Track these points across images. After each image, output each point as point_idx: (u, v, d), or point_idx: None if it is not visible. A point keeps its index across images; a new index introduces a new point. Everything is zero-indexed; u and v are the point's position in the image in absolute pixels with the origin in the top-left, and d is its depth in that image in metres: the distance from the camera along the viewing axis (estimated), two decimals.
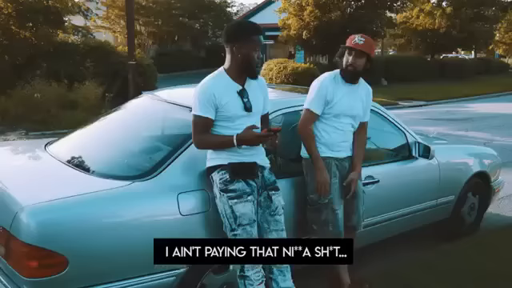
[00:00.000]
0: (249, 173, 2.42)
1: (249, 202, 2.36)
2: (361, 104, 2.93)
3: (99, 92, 10.31)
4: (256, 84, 2.50)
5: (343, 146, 2.93)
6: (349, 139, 2.96)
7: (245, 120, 2.39)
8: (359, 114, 2.94)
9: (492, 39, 32.67)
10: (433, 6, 26.79)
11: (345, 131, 2.92)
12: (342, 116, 2.88)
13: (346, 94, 2.87)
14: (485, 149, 4.67)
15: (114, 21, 21.91)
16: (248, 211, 2.35)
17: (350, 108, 2.88)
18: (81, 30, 13.14)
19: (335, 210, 2.83)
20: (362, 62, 2.80)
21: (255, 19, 35.07)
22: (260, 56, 2.42)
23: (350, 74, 2.85)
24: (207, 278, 2.51)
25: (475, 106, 15.21)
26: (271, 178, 2.52)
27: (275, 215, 2.47)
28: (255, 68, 2.43)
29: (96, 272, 2.18)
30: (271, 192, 2.49)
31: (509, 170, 5.90)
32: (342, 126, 2.90)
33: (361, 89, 2.96)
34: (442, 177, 3.74)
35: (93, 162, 2.74)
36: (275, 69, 17.06)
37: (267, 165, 2.54)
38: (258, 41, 2.39)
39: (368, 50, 2.80)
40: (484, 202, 4.28)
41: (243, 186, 2.38)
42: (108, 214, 2.24)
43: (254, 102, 2.45)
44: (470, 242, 3.92)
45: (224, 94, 2.37)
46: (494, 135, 9.15)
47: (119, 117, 3.42)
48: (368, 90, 3.01)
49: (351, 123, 2.94)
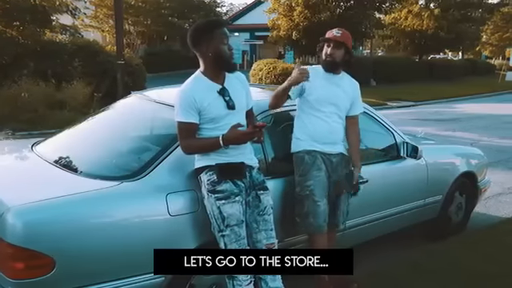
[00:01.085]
0: (236, 173, 2.40)
1: (236, 202, 2.36)
2: (343, 94, 2.95)
3: (87, 92, 10.22)
4: (236, 81, 2.49)
5: (330, 139, 2.93)
6: (336, 131, 2.95)
7: (230, 119, 2.37)
8: (343, 104, 2.95)
9: (479, 40, 33.14)
10: (421, 8, 27.02)
11: (329, 122, 2.92)
12: (322, 103, 2.90)
13: (325, 82, 2.91)
14: (472, 149, 4.72)
15: (103, 20, 21.75)
16: (236, 212, 2.34)
17: (329, 95, 2.90)
18: (69, 29, 13.01)
19: (317, 201, 2.81)
20: (341, 53, 2.90)
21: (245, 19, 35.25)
22: (231, 48, 2.39)
23: (329, 65, 2.92)
24: (196, 279, 2.50)
25: (462, 106, 15.38)
26: (259, 178, 2.51)
27: (264, 215, 2.46)
28: (229, 60, 2.40)
29: (84, 273, 2.16)
30: (260, 192, 2.48)
31: (495, 170, 5.99)
32: (324, 115, 2.91)
33: (344, 80, 3.01)
34: (430, 177, 3.78)
35: (81, 162, 2.72)
36: (265, 69, 17.08)
37: (255, 164, 2.53)
38: (222, 33, 2.36)
39: (345, 40, 2.91)
40: (471, 201, 4.32)
41: (231, 187, 2.37)
42: (96, 215, 2.22)
43: (237, 98, 2.43)
44: (457, 241, 3.95)
45: (204, 96, 2.35)
46: (480, 135, 9.26)
47: (107, 117, 3.39)
48: (353, 83, 3.06)
49: (336, 113, 2.94)
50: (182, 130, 2.35)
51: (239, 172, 2.42)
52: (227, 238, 2.34)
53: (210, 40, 2.33)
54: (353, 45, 3.13)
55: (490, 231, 4.22)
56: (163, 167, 2.45)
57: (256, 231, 2.45)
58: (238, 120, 2.39)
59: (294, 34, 19.56)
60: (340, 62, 2.93)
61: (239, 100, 2.46)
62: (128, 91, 4.29)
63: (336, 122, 2.96)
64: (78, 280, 2.15)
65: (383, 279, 3.16)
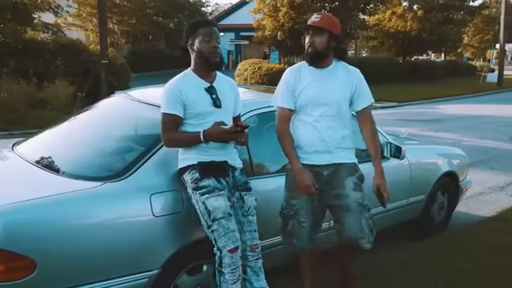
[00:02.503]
0: (219, 171, 2.41)
1: (221, 195, 2.35)
2: (336, 89, 2.54)
3: (70, 91, 10.10)
4: (226, 84, 2.53)
5: (321, 147, 2.56)
6: (329, 138, 2.56)
7: (215, 117, 2.39)
8: (337, 101, 2.55)
9: (460, 42, 33.66)
10: (404, 9, 27.36)
11: (318, 128, 2.55)
12: (311, 106, 2.55)
13: (313, 81, 2.55)
14: (453, 149, 4.79)
15: (86, 19, 21.50)
16: (221, 204, 2.32)
17: (318, 95, 2.53)
18: (51, 28, 12.87)
19: (301, 222, 2.61)
20: (323, 41, 2.49)
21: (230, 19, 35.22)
22: (216, 45, 2.40)
23: (310, 56, 2.53)
24: (180, 280, 2.49)
25: (444, 107, 15.61)
26: (242, 179, 2.51)
27: (248, 216, 2.46)
28: (209, 57, 2.40)
29: (66, 275, 2.13)
30: (243, 193, 2.48)
31: (476, 170, 6.09)
32: (313, 119, 2.56)
33: (337, 72, 2.58)
34: (413, 176, 3.82)
35: (63, 162, 2.68)
36: (250, 69, 17.10)
37: (239, 165, 2.52)
38: (205, 32, 2.40)
39: (326, 25, 2.50)
40: (453, 201, 4.39)
41: (214, 182, 2.37)
42: (79, 216, 2.19)
43: (224, 98, 2.45)
44: (440, 239, 4.01)
45: (191, 91, 2.40)
46: (462, 136, 9.41)
47: (90, 116, 3.35)
48: (351, 72, 2.61)
49: (329, 114, 2.55)
50: (166, 122, 2.37)
51: (222, 170, 2.42)
52: (216, 232, 2.31)
53: (194, 37, 2.43)
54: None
55: (470, 230, 4.29)
56: (147, 167, 2.43)
57: (240, 232, 2.44)
58: (223, 119, 2.39)
59: (279, 35, 19.62)
60: (323, 51, 2.50)
61: (226, 100, 2.47)
62: (112, 91, 4.26)
63: (329, 126, 2.56)
64: (60, 282, 2.12)
65: (368, 278, 3.19)
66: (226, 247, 2.30)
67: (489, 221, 4.57)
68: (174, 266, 2.44)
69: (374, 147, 2.62)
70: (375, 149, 2.63)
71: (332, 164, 2.59)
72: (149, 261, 2.34)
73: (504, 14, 25.57)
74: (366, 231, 2.59)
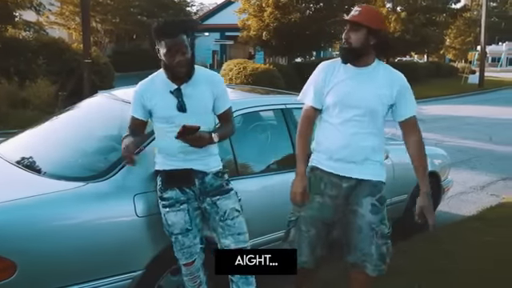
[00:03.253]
0: (182, 181, 2.33)
1: (182, 210, 2.32)
2: (372, 92, 2.24)
3: (52, 90, 9.97)
4: (204, 83, 2.33)
5: (344, 155, 2.27)
6: (355, 146, 2.26)
7: (181, 121, 2.23)
8: (371, 106, 2.25)
9: (443, 44, 34.17)
10: (388, 11, 27.65)
11: (344, 132, 2.27)
12: (340, 107, 2.27)
13: (347, 79, 2.27)
14: (436, 149, 4.85)
15: (69, 17, 21.20)
16: (179, 220, 2.31)
17: (350, 94, 2.25)
18: (33, 26, 12.67)
19: (303, 230, 2.37)
20: (360, 37, 2.21)
21: (215, 19, 35.11)
22: (181, 60, 2.20)
23: (345, 52, 2.27)
24: (164, 280, 2.48)
25: (427, 107, 15.81)
26: (215, 183, 2.37)
27: (226, 220, 2.36)
28: (177, 72, 2.24)
29: (49, 277, 2.10)
30: (215, 197, 2.36)
31: (457, 170, 6.19)
32: (340, 122, 2.27)
33: (378, 73, 2.28)
34: (396, 176, 3.86)
35: (44, 162, 2.64)
36: (235, 69, 17.07)
37: (212, 169, 2.38)
38: (169, 45, 2.18)
39: (363, 19, 2.20)
40: (434, 200, 4.43)
41: (177, 195, 2.32)
42: (61, 217, 2.17)
43: (193, 102, 2.30)
44: (422, 239, 4.06)
45: (155, 94, 2.32)
46: (444, 136, 9.55)
47: (73, 116, 3.31)
48: (394, 76, 2.31)
49: (359, 119, 2.26)
50: (130, 123, 2.41)
51: (186, 180, 2.34)
52: (173, 245, 2.36)
53: (159, 46, 2.24)
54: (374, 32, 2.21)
55: (452, 229, 4.35)
56: (130, 168, 2.41)
57: (222, 237, 2.38)
58: (191, 123, 2.22)
59: (264, 35, 19.64)
60: (360, 49, 2.22)
61: (196, 103, 2.30)
62: (95, 90, 4.21)
63: (358, 131, 2.26)
64: (42, 284, 2.09)
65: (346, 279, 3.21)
66: (181, 261, 2.38)
67: (470, 220, 4.65)
68: (158, 267, 2.43)
69: (420, 163, 2.32)
70: (422, 165, 2.32)
71: (354, 178, 2.30)
72: (132, 261, 2.33)
73: (485, 16, 26.03)
74: (375, 257, 2.32)
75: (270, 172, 3.06)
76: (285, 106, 3.22)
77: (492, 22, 47.47)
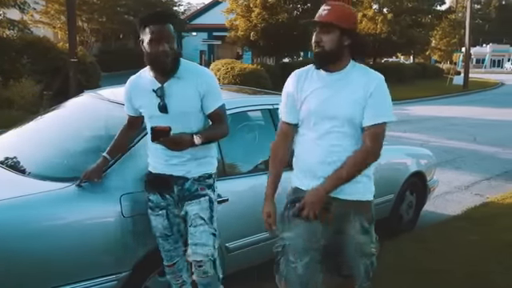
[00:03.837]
0: (161, 187, 2.28)
1: (160, 216, 2.29)
2: (350, 98, 1.98)
3: (37, 90, 9.84)
4: (191, 82, 2.18)
5: (324, 172, 2.00)
6: (336, 160, 2.00)
7: (164, 122, 2.14)
8: (347, 114, 1.98)
9: (428, 45, 34.60)
10: (375, 12, 27.89)
11: (323, 146, 2.02)
12: (315, 119, 2.04)
13: (321, 87, 2.03)
14: (421, 149, 4.90)
15: (54, 16, 20.94)
16: (158, 225, 2.30)
17: (325, 104, 2.00)
18: (17, 25, 12.45)
19: (292, 262, 2.06)
20: (332, 38, 1.97)
21: (202, 19, 34.96)
22: (165, 49, 2.07)
23: (318, 57, 2.01)
24: (151, 281, 2.46)
25: (413, 108, 15.98)
26: (192, 188, 2.25)
27: (190, 227, 2.24)
28: (160, 63, 2.11)
29: (33, 279, 2.07)
30: (187, 202, 2.25)
31: (442, 170, 6.26)
32: (317, 136, 2.04)
33: (352, 77, 2.01)
34: (382, 176, 3.87)
35: (29, 162, 2.61)
36: (223, 69, 17.05)
37: (194, 175, 2.26)
38: (155, 31, 2.06)
39: (335, 19, 1.96)
40: (421, 200, 4.49)
41: (158, 199, 2.30)
42: (45, 218, 2.14)
43: (176, 101, 2.18)
44: (408, 238, 4.10)
45: (139, 93, 2.27)
46: (429, 136, 9.65)
47: (58, 116, 3.27)
48: (371, 79, 2.00)
49: (337, 130, 2.00)
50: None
51: (164, 186, 2.27)
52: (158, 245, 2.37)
53: (143, 35, 2.13)
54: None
55: (438, 228, 4.40)
56: (117, 168, 2.39)
57: (188, 245, 2.28)
58: (171, 125, 2.11)
59: (252, 35, 19.66)
60: (334, 51, 1.98)
61: (180, 103, 2.18)
62: (81, 90, 4.17)
63: (340, 144, 2.01)
64: (27, 286, 2.06)
65: None
66: (164, 262, 2.39)
67: (455, 219, 4.70)
68: (145, 268, 2.41)
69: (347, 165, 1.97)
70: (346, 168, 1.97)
71: (339, 199, 2.04)
72: (119, 262, 2.30)
73: (469, 18, 26.39)
74: (362, 275, 2.16)
75: (258, 172, 3.05)
76: (272, 106, 3.22)
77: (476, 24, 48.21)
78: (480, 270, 3.39)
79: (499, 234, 4.12)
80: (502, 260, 3.57)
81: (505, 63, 66.30)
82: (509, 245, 3.83)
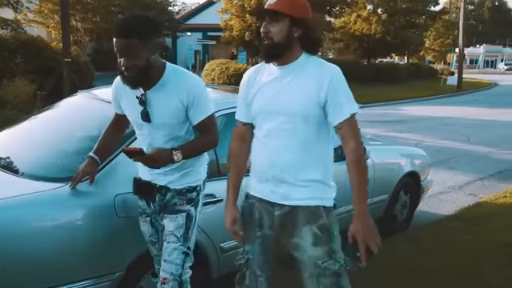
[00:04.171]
0: (145, 194, 2.22)
1: (146, 222, 2.26)
2: (301, 94, 1.80)
3: (31, 90, 9.78)
4: (173, 90, 2.03)
5: (269, 175, 1.86)
6: (280, 163, 1.84)
7: (146, 130, 2.10)
8: (299, 110, 1.81)
9: (422, 46, 34.77)
10: (369, 13, 27.99)
11: (269, 146, 1.86)
12: (262, 117, 1.89)
13: (270, 81, 1.88)
14: (416, 150, 4.93)
15: (48, 15, 20.84)
16: (145, 231, 2.27)
17: (273, 99, 1.84)
18: (10, 24, 12.38)
19: (258, 275, 1.96)
20: (281, 28, 1.79)
21: (197, 19, 34.97)
22: (126, 65, 1.95)
23: (266, 49, 1.84)
24: (145, 281, 2.45)
25: (407, 108, 16.05)
26: (172, 201, 2.15)
27: (164, 241, 2.17)
28: (124, 78, 2.00)
29: (27, 279, 2.06)
30: (165, 215, 2.16)
31: (436, 170, 6.29)
32: (263, 135, 1.89)
33: (308, 71, 1.83)
34: (377, 176, 3.90)
35: (22, 163, 2.59)
36: (217, 69, 17.06)
37: (177, 186, 2.14)
38: (115, 46, 1.95)
39: (284, 7, 1.77)
40: (414, 200, 4.51)
41: (144, 206, 2.25)
42: (39, 218, 2.13)
43: (159, 111, 2.05)
44: (402, 238, 4.12)
45: (125, 95, 2.16)
46: (423, 137, 9.70)
47: (52, 116, 3.26)
48: (327, 71, 1.82)
49: (287, 128, 1.83)
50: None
51: (148, 194, 2.20)
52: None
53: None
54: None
55: (431, 228, 4.42)
56: (111, 168, 2.38)
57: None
58: (152, 135, 2.08)
59: (246, 35, 19.67)
60: (284, 43, 1.80)
61: (162, 113, 2.05)
62: (75, 89, 4.15)
63: (286, 143, 1.83)
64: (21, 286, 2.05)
65: None
66: (154, 265, 2.34)
67: (448, 219, 4.73)
68: (139, 268, 2.40)
69: (354, 178, 1.82)
70: (355, 182, 1.82)
71: (285, 205, 1.87)
72: (113, 263, 2.30)
73: (463, 19, 26.54)
74: None
75: None
76: None
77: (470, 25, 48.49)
78: (473, 270, 3.41)
79: (492, 233, 4.14)
80: (495, 260, 3.60)
81: (498, 64, 66.77)
82: (502, 245, 3.85)
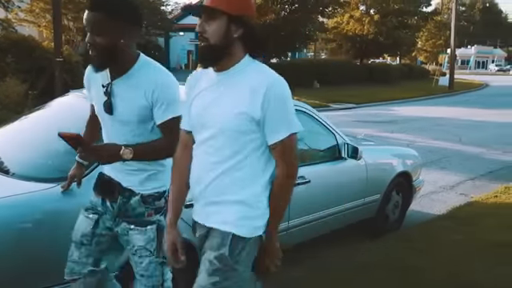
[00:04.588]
0: (106, 193, 1.98)
1: (88, 219, 1.98)
2: (233, 103, 1.56)
3: (22, 89, 9.69)
4: (141, 85, 1.85)
5: (197, 192, 1.67)
6: (205, 178, 1.63)
7: (109, 123, 1.93)
8: (228, 125, 1.56)
9: (414, 46, 35.02)
10: (362, 13, 28.12)
11: (197, 161, 1.67)
12: (195, 127, 1.68)
13: (205, 89, 1.65)
14: (407, 150, 4.95)
15: (39, 15, 20.66)
16: (80, 228, 1.99)
17: (204, 110, 1.62)
18: (1, 23, 12.28)
19: None
20: (218, 28, 1.55)
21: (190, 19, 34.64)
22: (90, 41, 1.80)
23: (201, 52, 1.61)
24: None
25: (400, 109, 16.14)
26: (137, 209, 1.93)
27: (135, 255, 1.96)
28: (88, 55, 1.84)
29: (21, 279, 2.05)
30: (131, 226, 1.93)
31: (428, 170, 6.33)
32: (195, 147, 1.69)
33: (243, 77, 1.58)
34: (369, 177, 3.92)
35: (13, 163, 2.57)
36: None
37: (143, 191, 1.92)
38: (84, 19, 1.79)
39: (220, 3, 1.53)
40: (406, 200, 4.54)
41: (97, 202, 2.00)
42: (29, 219, 2.11)
43: (122, 105, 1.87)
44: (394, 237, 4.14)
45: (94, 83, 1.98)
46: (416, 137, 9.75)
47: (43, 116, 3.23)
48: (266, 80, 1.55)
49: (213, 144, 1.60)
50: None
51: (108, 192, 1.97)
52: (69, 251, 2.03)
53: None
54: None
55: (423, 228, 4.45)
56: (102, 169, 2.36)
57: (135, 272, 2.00)
58: (114, 129, 1.92)
59: None
60: (221, 45, 1.56)
61: (125, 108, 1.87)
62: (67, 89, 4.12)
63: (214, 159, 1.61)
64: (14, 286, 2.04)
65: (325, 277, 3.24)
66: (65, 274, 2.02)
67: (440, 219, 4.76)
68: None
69: (273, 201, 1.62)
70: (275, 205, 1.62)
71: (205, 226, 1.67)
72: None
73: (454, 20, 26.73)
74: None
75: None
76: None
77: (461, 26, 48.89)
78: (464, 269, 3.43)
79: (483, 233, 4.18)
80: (485, 259, 3.63)
81: (489, 64, 67.37)
82: (492, 244, 3.88)
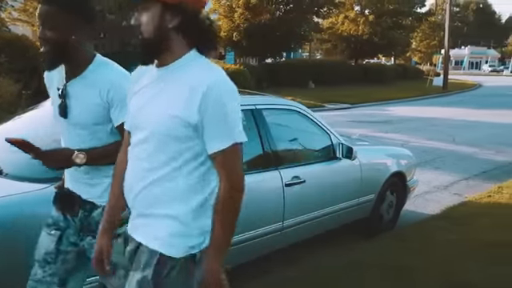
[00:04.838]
0: (64, 205, 1.85)
1: (51, 236, 1.82)
2: (167, 104, 1.38)
3: (15, 89, 9.64)
4: (96, 85, 1.73)
5: (129, 201, 1.51)
6: (135, 186, 1.46)
7: (65, 127, 1.81)
8: (160, 129, 1.39)
9: (409, 47, 35.18)
10: (356, 14, 28.21)
11: (129, 167, 1.50)
12: (131, 129, 1.53)
13: (144, 87, 1.49)
14: (402, 150, 4.96)
15: (33, 14, 20.55)
16: (43, 245, 1.83)
17: (139, 110, 1.47)
18: None
19: None
20: (150, 18, 1.39)
21: None
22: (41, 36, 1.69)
23: (141, 49, 1.44)
24: None
25: (394, 109, 16.19)
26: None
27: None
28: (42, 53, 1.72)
29: (12, 280, 2.04)
30: (91, 237, 1.79)
31: (422, 170, 6.35)
32: (130, 150, 1.51)
33: (182, 75, 1.40)
34: (364, 177, 3.93)
35: (5, 163, 2.55)
36: None
37: (104, 203, 1.67)
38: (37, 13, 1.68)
39: None
40: (401, 200, 4.55)
41: (58, 217, 1.85)
42: (23, 219, 2.10)
43: (77, 106, 1.75)
44: (388, 237, 4.15)
45: (52, 85, 1.85)
46: (410, 137, 9.78)
47: (37, 115, 3.22)
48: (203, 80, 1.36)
49: (145, 148, 1.44)
50: None
51: (67, 206, 1.83)
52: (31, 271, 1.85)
53: None
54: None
55: (417, 227, 4.46)
56: None
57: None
58: (72, 134, 1.80)
59: (234, 35, 19.67)
60: (154, 38, 1.39)
61: (80, 110, 1.75)
62: None
63: (146, 165, 1.44)
64: None
65: (320, 276, 3.24)
66: None
67: (434, 218, 4.77)
68: None
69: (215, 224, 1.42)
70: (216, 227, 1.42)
71: (135, 240, 1.51)
72: None
73: (448, 21, 26.85)
74: None
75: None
76: (255, 106, 3.22)
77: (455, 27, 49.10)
78: (458, 269, 3.44)
79: (477, 233, 4.20)
80: (479, 259, 3.64)
81: (482, 65, 67.76)
82: (486, 244, 3.90)
